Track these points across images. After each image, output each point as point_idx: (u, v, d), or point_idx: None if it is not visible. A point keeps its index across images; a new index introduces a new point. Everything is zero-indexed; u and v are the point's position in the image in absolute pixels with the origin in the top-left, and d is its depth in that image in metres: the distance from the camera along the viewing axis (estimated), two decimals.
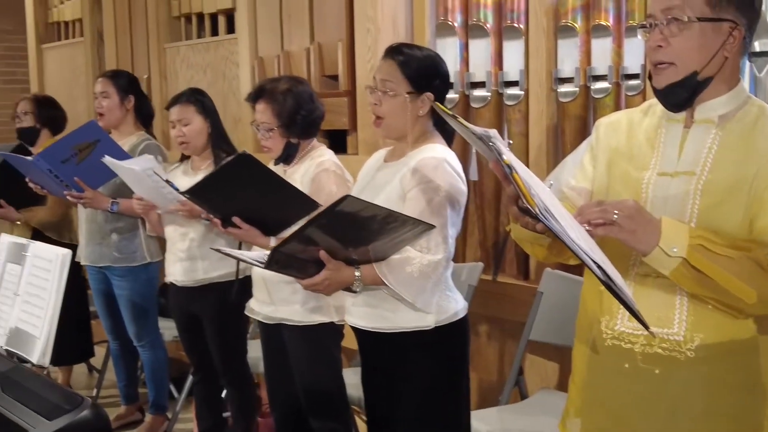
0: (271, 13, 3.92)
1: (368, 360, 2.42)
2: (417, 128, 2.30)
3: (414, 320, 2.25)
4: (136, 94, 3.67)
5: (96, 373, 4.70)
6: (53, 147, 3.35)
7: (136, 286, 3.65)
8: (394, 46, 2.34)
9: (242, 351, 3.34)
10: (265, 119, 2.70)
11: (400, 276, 2.17)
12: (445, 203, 2.20)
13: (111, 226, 3.59)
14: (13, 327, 2.41)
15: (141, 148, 3.51)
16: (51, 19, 5.87)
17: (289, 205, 2.51)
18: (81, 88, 5.44)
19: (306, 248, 2.08)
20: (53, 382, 2.25)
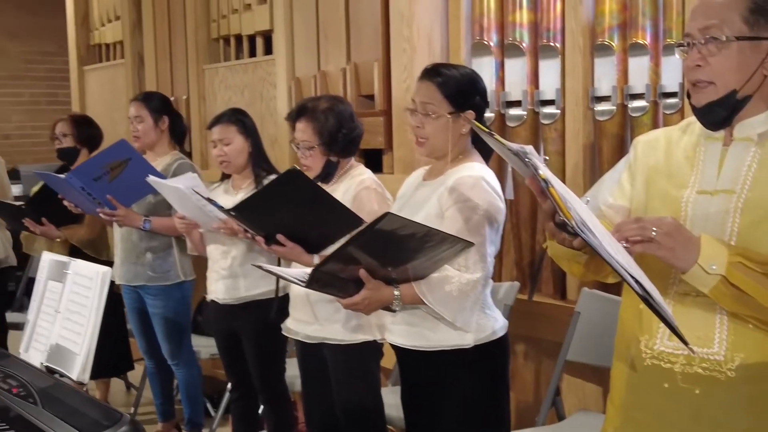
0: (308, 34, 3.97)
1: (408, 378, 2.42)
2: (457, 147, 2.31)
3: (454, 339, 2.25)
4: (169, 114, 3.70)
5: (134, 391, 4.74)
6: (85, 165, 3.40)
7: (170, 304, 3.68)
8: (430, 68, 2.35)
9: (281, 369, 3.35)
10: (305, 137, 2.72)
11: (439, 295, 2.17)
12: (483, 221, 2.21)
13: (145, 245, 3.62)
14: (53, 344, 2.45)
15: (175, 168, 3.55)
16: (93, 41, 5.98)
17: (333, 221, 2.51)
18: (121, 110, 5.52)
19: (346, 267, 2.09)
20: (93, 399, 2.28)
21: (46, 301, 2.53)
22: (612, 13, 2.88)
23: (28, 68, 8.38)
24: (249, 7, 4.39)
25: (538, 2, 3.07)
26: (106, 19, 5.71)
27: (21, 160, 7.79)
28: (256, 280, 3.18)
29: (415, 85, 2.39)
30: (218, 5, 4.65)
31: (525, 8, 3.09)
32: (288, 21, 4.05)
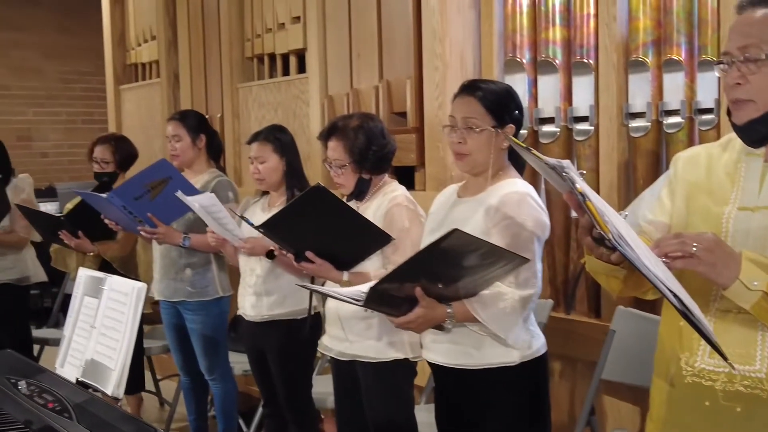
0: (340, 52, 3.99)
1: (448, 397, 2.39)
2: (497, 162, 2.30)
3: (499, 356, 2.24)
4: (206, 132, 3.74)
5: (167, 407, 4.76)
6: (126, 185, 3.44)
7: (208, 320, 3.70)
8: (468, 83, 2.35)
9: (306, 387, 3.34)
10: (337, 156, 2.73)
11: (492, 312, 2.16)
12: (532, 238, 2.20)
13: (185, 261, 3.65)
14: (89, 359, 2.47)
15: (213, 185, 3.59)
16: (129, 61, 6.07)
17: (361, 238, 2.52)
18: (156, 128, 5.59)
19: (403, 285, 2.08)
20: (127, 414, 2.29)
21: (82, 317, 2.56)
22: (646, 30, 2.86)
23: (65, 87, 8.52)
24: (283, 27, 4.43)
25: (571, 19, 3.06)
26: (142, 39, 5.79)
27: (58, 177, 7.92)
28: (279, 300, 3.20)
29: (447, 102, 2.40)
30: (252, 24, 4.70)
31: (558, 25, 3.08)
32: (321, 39, 4.08)
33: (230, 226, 3.13)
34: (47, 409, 2.30)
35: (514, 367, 2.24)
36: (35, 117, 8.37)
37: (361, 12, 3.86)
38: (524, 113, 2.42)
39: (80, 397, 2.32)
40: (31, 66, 8.33)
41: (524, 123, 3.09)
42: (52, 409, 2.29)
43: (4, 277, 4.27)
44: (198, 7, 5.14)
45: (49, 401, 2.35)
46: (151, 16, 5.61)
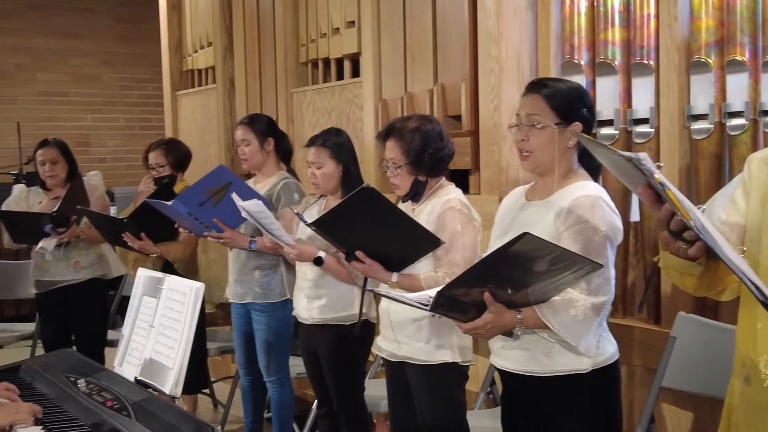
0: (395, 56, 3.99)
1: (515, 404, 2.35)
2: (564, 162, 2.25)
3: (570, 363, 2.19)
4: (274, 135, 3.76)
5: (221, 408, 4.80)
6: (188, 192, 3.47)
7: (272, 322, 3.72)
8: (536, 81, 2.33)
9: (358, 390, 3.34)
10: (393, 156, 2.72)
11: (563, 319, 2.11)
12: (605, 243, 2.15)
13: (254, 264, 3.68)
14: (147, 358, 2.49)
15: (279, 188, 3.62)
16: (185, 67, 6.16)
17: (411, 240, 2.51)
18: (212, 133, 5.66)
19: (470, 290, 2.06)
20: (185, 412, 2.31)
21: (141, 316, 2.59)
22: (708, 30, 2.80)
23: (123, 94, 8.69)
24: (337, 31, 4.45)
25: (630, 19, 3.01)
26: (199, 45, 5.87)
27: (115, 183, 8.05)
28: (329, 303, 3.21)
29: (503, 105, 2.37)
30: (307, 29, 4.72)
31: (617, 26, 3.03)
32: (376, 44, 4.08)
33: (278, 232, 3.16)
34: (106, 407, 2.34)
35: (586, 374, 2.19)
36: (93, 123, 8.55)
37: (415, 15, 3.85)
38: (595, 113, 2.36)
39: (139, 396, 2.34)
40: (90, 73, 8.51)
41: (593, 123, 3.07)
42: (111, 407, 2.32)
43: (91, 272, 4.35)
44: (253, 14, 5.19)
45: (107, 399, 2.39)
46: (208, 23, 5.68)
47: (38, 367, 2.83)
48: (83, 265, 4.32)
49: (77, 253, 4.30)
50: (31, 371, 2.83)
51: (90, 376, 2.60)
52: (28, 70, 8.19)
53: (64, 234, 4.14)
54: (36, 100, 8.21)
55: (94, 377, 2.58)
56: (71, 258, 4.30)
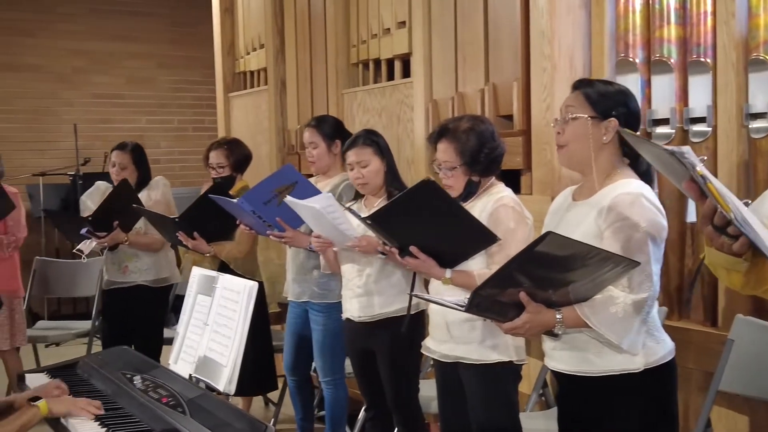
0: (446, 56, 3.98)
1: (569, 405, 2.33)
2: (602, 159, 2.23)
3: (622, 363, 2.17)
4: (341, 137, 3.74)
5: (272, 407, 4.84)
6: (255, 190, 3.49)
7: (329, 322, 3.73)
8: (583, 79, 2.34)
9: (414, 389, 3.34)
10: (447, 158, 2.71)
11: (603, 317, 2.09)
12: (646, 239, 2.12)
13: (312, 263, 3.71)
14: (201, 355, 2.53)
15: (341, 188, 3.64)
16: (238, 69, 6.23)
17: (466, 236, 2.50)
18: (264, 134, 5.71)
19: (505, 290, 2.05)
20: (239, 410, 2.33)
21: (195, 315, 2.63)
22: (767, 27, 2.74)
23: (176, 96, 8.81)
24: (388, 32, 4.45)
25: (687, 17, 2.96)
26: (251, 47, 5.93)
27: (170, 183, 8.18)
28: (390, 298, 3.20)
29: (556, 104, 2.36)
30: (358, 31, 4.74)
31: (673, 23, 2.98)
32: (426, 44, 4.08)
33: (344, 226, 3.15)
34: (161, 404, 2.37)
35: (638, 374, 2.17)
36: (148, 125, 8.69)
37: (467, 15, 3.83)
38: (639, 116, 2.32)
39: (193, 393, 2.38)
40: (145, 75, 8.66)
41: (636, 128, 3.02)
42: (166, 404, 2.36)
43: (139, 278, 4.40)
44: (305, 15, 5.22)
45: (163, 396, 2.42)
46: (260, 25, 5.73)
47: (95, 363, 2.89)
48: (132, 270, 4.39)
49: (127, 258, 4.38)
50: (87, 368, 2.89)
51: (145, 373, 2.64)
52: (84, 72, 8.36)
53: (104, 238, 4.20)
54: (92, 102, 8.38)
55: (149, 374, 2.62)
56: (122, 262, 4.39)
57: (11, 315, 4.63)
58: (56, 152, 7.96)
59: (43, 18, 8.14)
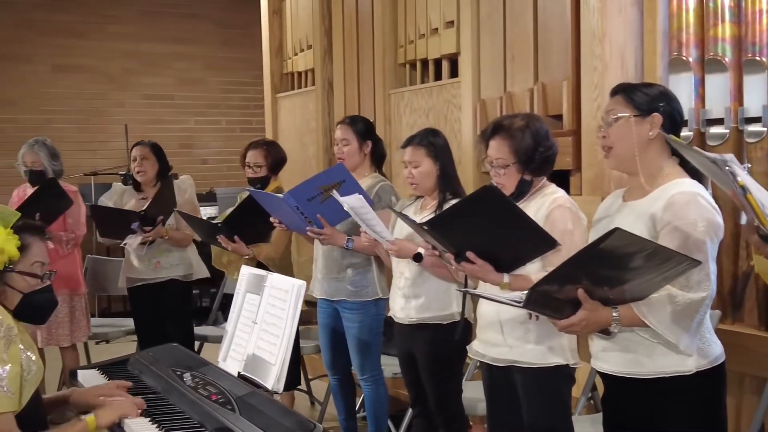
0: (494, 56, 3.96)
1: (616, 407, 2.30)
2: (649, 156, 2.20)
3: (673, 364, 2.14)
4: (372, 138, 3.79)
5: (317, 405, 4.86)
6: (302, 186, 3.50)
7: (365, 320, 3.74)
8: (621, 84, 2.30)
9: (456, 391, 3.31)
10: (500, 156, 2.67)
11: (661, 316, 2.06)
12: (705, 238, 2.08)
13: (347, 262, 3.72)
14: (250, 354, 2.54)
15: (376, 190, 3.64)
16: (285, 70, 6.28)
17: (526, 241, 2.45)
18: (311, 134, 5.75)
19: (563, 287, 2.03)
20: (287, 408, 2.34)
21: (244, 313, 2.64)
22: None
23: (225, 97, 8.90)
24: (436, 32, 4.45)
25: (742, 15, 2.90)
26: (299, 48, 5.97)
27: (216, 183, 8.26)
28: (428, 302, 3.19)
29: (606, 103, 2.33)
30: (406, 31, 4.74)
31: (728, 21, 2.93)
32: (475, 43, 4.06)
33: (378, 228, 3.16)
34: (211, 401, 2.39)
35: (689, 376, 2.13)
36: (197, 125, 8.79)
37: (516, 14, 3.81)
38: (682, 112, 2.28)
39: (242, 391, 2.39)
40: (194, 77, 8.76)
41: (690, 125, 2.97)
42: (216, 401, 2.38)
43: (171, 273, 4.48)
44: (353, 16, 5.24)
45: (212, 393, 2.44)
46: (308, 26, 5.77)
47: (145, 360, 2.93)
48: (164, 265, 4.45)
49: (159, 253, 4.45)
50: (138, 364, 2.93)
51: (195, 370, 2.66)
52: (135, 74, 8.49)
53: (149, 233, 4.29)
54: (143, 103, 8.50)
55: (199, 371, 2.64)
56: (153, 257, 4.46)
57: (71, 312, 4.72)
58: (107, 152, 8.10)
59: (94, 20, 8.29)
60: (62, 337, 4.68)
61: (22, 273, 2.27)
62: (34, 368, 2.24)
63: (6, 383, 2.09)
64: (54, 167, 4.67)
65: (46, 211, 4.37)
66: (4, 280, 2.25)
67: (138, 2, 8.46)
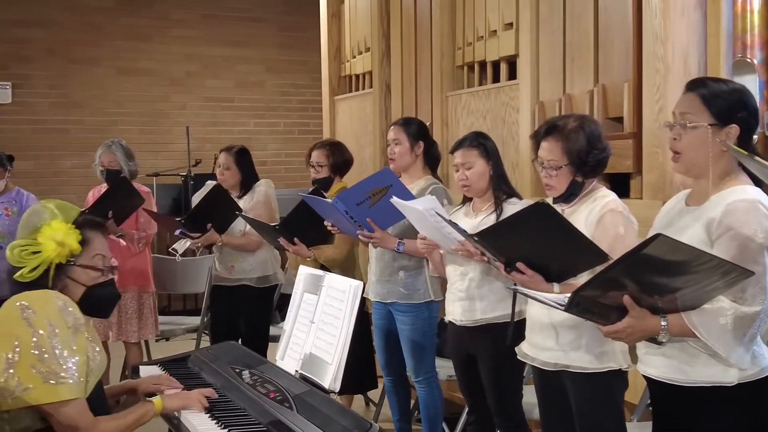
0: (554, 57, 3.93)
1: (661, 413, 2.27)
2: (719, 165, 2.14)
3: (715, 375, 2.09)
4: (425, 140, 3.81)
5: (372, 406, 4.88)
6: (351, 191, 3.55)
7: (417, 322, 3.76)
8: (696, 79, 2.23)
9: (517, 395, 3.30)
10: (552, 157, 2.65)
11: (712, 328, 2.01)
12: (762, 250, 2.02)
13: (399, 264, 3.74)
14: (307, 353, 2.58)
15: (429, 192, 3.64)
16: (343, 72, 6.31)
17: (577, 254, 2.42)
18: (368, 136, 5.77)
19: (608, 293, 2.00)
20: (344, 407, 2.36)
21: (302, 312, 2.68)
22: None
23: (283, 100, 9.00)
24: (494, 33, 4.43)
25: None
26: (357, 51, 6.00)
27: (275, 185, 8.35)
28: (492, 303, 3.18)
29: (668, 106, 2.29)
30: (464, 33, 4.73)
31: None
32: (534, 45, 4.03)
33: (448, 229, 3.15)
34: (269, 399, 2.43)
35: (731, 388, 2.07)
36: (256, 127, 8.90)
37: (576, 15, 3.78)
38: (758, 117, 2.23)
39: (300, 389, 2.42)
40: (254, 80, 8.88)
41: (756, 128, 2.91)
42: (274, 399, 2.42)
43: (244, 277, 4.54)
44: (411, 18, 5.25)
45: (270, 391, 2.48)
46: (366, 29, 5.80)
47: (205, 357, 2.99)
48: (237, 270, 4.52)
49: (233, 258, 4.53)
50: (198, 361, 2.99)
51: (254, 368, 2.71)
52: (197, 76, 8.64)
53: (198, 239, 4.38)
54: (204, 106, 8.64)
55: (257, 369, 2.69)
56: (228, 262, 4.54)
57: (140, 309, 4.84)
58: (169, 153, 8.26)
59: (157, 24, 8.46)
60: (130, 333, 4.79)
61: (83, 266, 2.33)
62: (99, 358, 2.31)
63: (75, 371, 2.16)
64: (129, 167, 4.83)
65: (119, 210, 4.51)
66: (67, 274, 2.32)
67: (200, 6, 8.60)
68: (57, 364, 2.12)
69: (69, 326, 2.18)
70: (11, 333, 2.13)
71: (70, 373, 2.14)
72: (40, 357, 2.11)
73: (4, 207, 4.91)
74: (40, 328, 2.12)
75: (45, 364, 2.11)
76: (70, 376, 2.14)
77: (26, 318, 2.13)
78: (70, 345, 2.16)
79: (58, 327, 2.15)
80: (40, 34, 7.97)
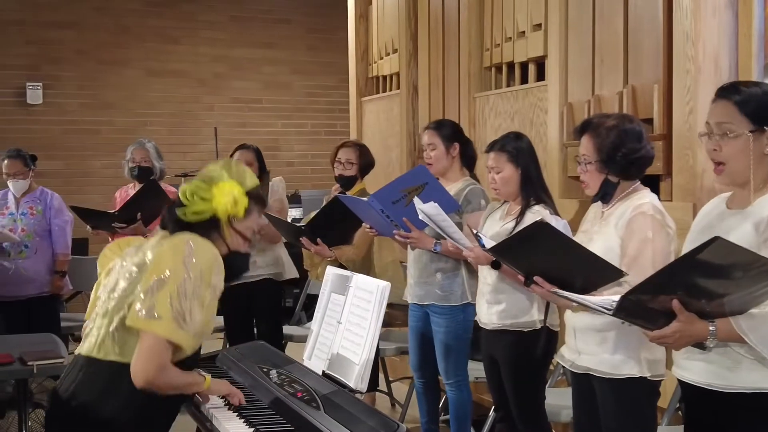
0: (583, 58, 3.91)
1: (695, 418, 2.24)
2: (761, 170, 2.10)
3: (755, 381, 2.05)
4: (459, 140, 3.78)
5: (398, 407, 4.87)
6: (386, 189, 3.53)
7: (452, 324, 3.73)
8: (727, 86, 2.18)
9: (538, 398, 3.28)
10: (585, 152, 2.64)
11: (763, 333, 1.98)
12: None
13: (435, 266, 3.72)
14: (334, 353, 2.58)
15: (466, 193, 3.64)
16: (371, 74, 6.32)
17: (591, 270, 2.39)
18: (395, 137, 5.77)
19: (657, 297, 1.97)
20: (371, 407, 2.36)
21: (329, 312, 2.68)
22: None
23: (310, 101, 9.04)
24: (523, 35, 4.41)
25: None
26: (384, 52, 6.01)
27: (301, 185, 8.38)
28: (507, 310, 3.18)
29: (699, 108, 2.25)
30: (492, 34, 4.72)
31: None
32: (563, 46, 4.01)
33: (456, 235, 3.16)
34: (296, 398, 2.44)
35: None
36: (283, 128, 8.95)
37: (606, 16, 3.75)
38: None
39: (327, 389, 2.43)
40: (281, 81, 8.92)
41: None
42: (301, 398, 2.42)
43: (264, 272, 4.58)
44: (438, 20, 5.25)
45: (297, 390, 2.49)
46: (393, 30, 5.80)
47: (233, 357, 3.00)
48: (260, 264, 4.53)
49: (255, 252, 4.54)
50: (226, 361, 3.00)
51: (281, 367, 2.72)
52: (225, 78, 8.70)
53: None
54: (231, 107, 8.70)
55: (284, 369, 2.69)
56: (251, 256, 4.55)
57: None
58: (197, 154, 8.31)
59: (186, 26, 8.53)
60: None
61: (237, 231, 2.43)
62: (211, 327, 2.40)
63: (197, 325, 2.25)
64: (161, 165, 4.96)
65: (147, 211, 4.58)
66: (221, 231, 2.40)
67: (229, 8, 8.66)
68: (188, 311, 2.22)
69: (211, 285, 2.28)
70: (169, 262, 2.24)
71: (193, 324, 2.23)
72: (180, 296, 2.21)
73: (29, 206, 4.99)
74: (193, 274, 2.23)
75: (182, 305, 2.21)
76: (192, 327, 2.23)
77: (186, 257, 2.24)
78: (205, 301, 2.26)
79: (204, 281, 2.25)
80: (71, 36, 8.07)
